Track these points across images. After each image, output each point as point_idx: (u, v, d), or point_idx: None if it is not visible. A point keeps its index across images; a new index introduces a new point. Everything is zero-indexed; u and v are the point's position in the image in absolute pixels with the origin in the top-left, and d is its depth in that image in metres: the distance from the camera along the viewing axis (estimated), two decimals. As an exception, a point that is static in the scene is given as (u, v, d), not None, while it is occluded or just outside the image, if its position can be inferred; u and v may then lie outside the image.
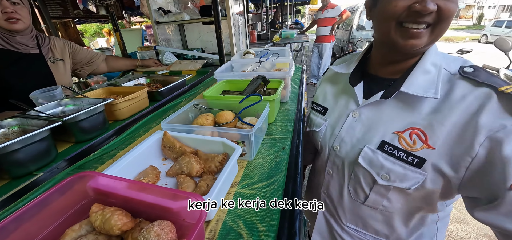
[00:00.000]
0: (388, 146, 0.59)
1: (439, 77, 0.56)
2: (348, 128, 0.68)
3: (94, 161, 0.78)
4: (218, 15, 1.83)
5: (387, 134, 0.60)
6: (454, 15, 0.49)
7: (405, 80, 0.58)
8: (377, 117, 0.63)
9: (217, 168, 0.63)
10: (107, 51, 3.81)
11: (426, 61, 0.58)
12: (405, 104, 0.59)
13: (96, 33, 16.06)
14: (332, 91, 0.80)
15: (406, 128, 0.57)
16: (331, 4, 4.49)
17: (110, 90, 1.37)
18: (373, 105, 0.65)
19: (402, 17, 0.51)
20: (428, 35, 0.52)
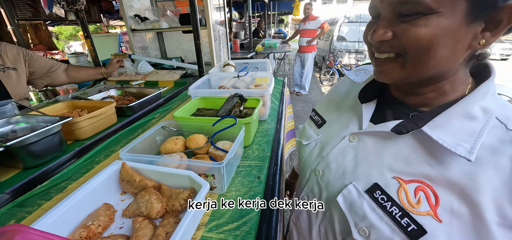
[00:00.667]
0: (381, 194, 0.45)
1: (484, 128, 0.40)
2: (339, 153, 0.54)
3: (39, 195, 0.67)
4: (197, 25, 1.76)
5: (384, 176, 0.46)
6: (429, 40, 0.37)
7: (434, 118, 0.42)
8: (378, 152, 0.49)
9: (182, 206, 0.55)
10: (82, 55, 3.59)
11: (474, 101, 0.41)
12: (424, 149, 0.44)
13: (72, 35, 15.29)
14: (338, 102, 0.65)
15: (415, 178, 0.43)
16: (312, 16, 4.58)
17: (74, 104, 1.25)
18: (379, 136, 0.50)
19: (369, 50, 0.47)
20: (397, 68, 0.42)
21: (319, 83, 6.53)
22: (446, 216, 0.39)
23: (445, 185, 0.40)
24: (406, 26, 0.38)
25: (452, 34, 0.36)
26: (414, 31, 0.37)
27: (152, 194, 0.56)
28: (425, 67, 0.40)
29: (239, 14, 9.77)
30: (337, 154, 0.55)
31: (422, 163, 0.43)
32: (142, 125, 1.12)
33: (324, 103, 0.70)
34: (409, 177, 0.43)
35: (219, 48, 2.19)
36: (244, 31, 6.05)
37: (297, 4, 6.03)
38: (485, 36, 0.37)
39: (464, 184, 0.38)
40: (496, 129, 0.40)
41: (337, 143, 0.56)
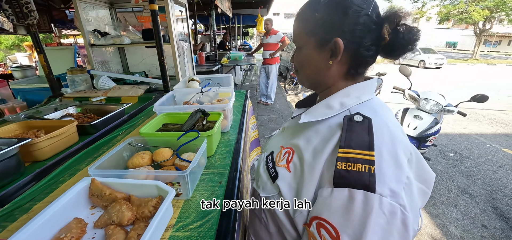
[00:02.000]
0: (270, 157, 0.64)
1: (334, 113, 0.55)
2: (273, 139, 0.74)
3: (3, 218, 0.68)
4: (160, 41, 1.81)
5: (278, 146, 0.65)
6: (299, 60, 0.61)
7: (311, 108, 0.61)
8: (285, 133, 0.69)
9: (151, 212, 0.63)
10: (29, 69, 3.28)
11: (334, 98, 0.56)
12: (303, 127, 0.61)
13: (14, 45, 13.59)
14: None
15: (288, 146, 0.61)
16: (273, 31, 4.90)
17: (28, 124, 1.21)
18: (292, 124, 0.69)
19: None
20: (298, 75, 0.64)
21: (284, 93, 6.88)
22: (292, 168, 0.56)
23: (296, 147, 0.58)
24: (295, 53, 0.62)
25: (309, 58, 0.58)
26: (296, 56, 0.62)
27: (123, 204, 0.62)
28: (304, 77, 0.62)
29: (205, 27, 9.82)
30: (272, 140, 0.74)
31: (295, 135, 0.62)
32: (107, 142, 1.14)
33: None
34: (286, 145, 0.62)
35: (183, 63, 2.26)
36: (210, 43, 6.13)
37: (260, 20, 6.36)
38: (332, 59, 0.54)
39: (301, 145, 0.56)
40: (344, 115, 0.53)
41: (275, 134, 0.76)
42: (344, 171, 0.44)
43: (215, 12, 4.31)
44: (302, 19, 0.58)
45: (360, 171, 0.43)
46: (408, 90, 2.73)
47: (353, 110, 0.54)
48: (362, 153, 0.44)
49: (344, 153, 0.46)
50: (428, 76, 11.05)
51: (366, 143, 0.46)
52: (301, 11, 0.58)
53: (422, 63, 14.57)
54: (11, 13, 1.44)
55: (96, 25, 2.23)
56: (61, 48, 3.08)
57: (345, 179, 0.43)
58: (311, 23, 0.55)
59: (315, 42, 0.55)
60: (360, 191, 0.42)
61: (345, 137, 0.48)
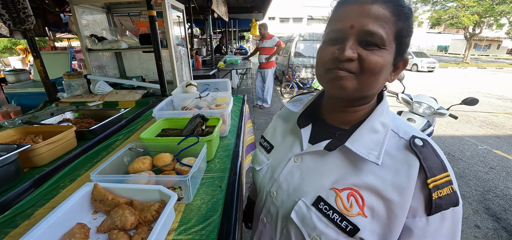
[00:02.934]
0: (324, 205, 0.54)
1: (385, 139, 0.53)
2: (287, 174, 0.62)
3: (5, 224, 0.68)
4: (158, 46, 1.83)
5: (324, 188, 0.55)
6: (380, 68, 0.49)
7: (351, 135, 0.55)
8: (318, 168, 0.58)
9: (153, 216, 0.64)
10: (23, 73, 3.25)
11: (375, 119, 0.55)
12: (349, 160, 0.55)
13: (6, 48, 13.38)
14: (282, 129, 0.74)
15: (346, 186, 0.53)
16: (268, 35, 4.97)
17: (26, 130, 1.21)
18: (316, 154, 0.60)
19: (328, 64, 0.53)
20: (352, 81, 0.50)
21: (280, 96, 6.94)
22: (369, 212, 0.51)
23: (366, 188, 0.51)
24: (368, 53, 0.48)
25: (388, 67, 0.50)
26: (374, 59, 0.48)
27: (125, 209, 0.64)
28: (370, 87, 0.51)
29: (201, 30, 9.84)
30: (286, 174, 0.62)
31: (349, 172, 0.54)
32: (106, 147, 1.15)
33: (270, 130, 0.79)
34: (342, 186, 0.53)
35: (181, 67, 2.27)
36: (206, 47, 6.16)
37: (254, 25, 6.42)
38: (392, 75, 0.54)
39: (377, 185, 0.51)
40: (392, 138, 0.54)
41: (285, 164, 0.64)
42: (438, 199, 0.47)
43: (212, 16, 4.34)
44: (396, 15, 0.48)
45: (448, 194, 0.48)
46: (401, 94, 2.80)
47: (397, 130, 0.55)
48: (443, 176, 0.49)
49: (433, 182, 0.48)
50: (420, 79, 11.27)
51: (440, 165, 0.50)
52: (396, 5, 0.48)
53: (415, 66, 14.90)
54: (8, 18, 1.44)
55: (93, 29, 2.23)
56: (57, 53, 3.06)
57: (440, 206, 0.48)
58: (403, 29, 0.49)
59: (395, 51, 0.50)
60: (449, 209, 0.49)
61: (427, 166, 0.49)
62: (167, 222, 0.63)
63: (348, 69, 0.50)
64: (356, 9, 0.48)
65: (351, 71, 0.50)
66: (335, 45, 0.51)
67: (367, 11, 0.47)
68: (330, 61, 0.52)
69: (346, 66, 0.49)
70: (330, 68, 0.52)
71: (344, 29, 0.50)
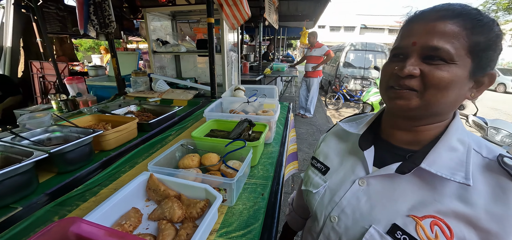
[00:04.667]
0: (402, 234, 0.48)
1: (468, 158, 0.48)
2: (352, 198, 0.57)
3: (76, 197, 0.79)
4: (213, 51, 1.94)
5: (400, 215, 0.49)
6: (446, 83, 0.45)
7: (427, 156, 0.50)
8: (389, 193, 0.53)
9: (198, 214, 0.66)
10: (101, 69, 3.82)
11: (451, 136, 0.51)
12: (426, 184, 0.50)
13: (91, 48, 16.06)
14: (338, 150, 0.69)
15: (427, 214, 0.47)
16: (318, 44, 4.83)
17: (100, 118, 1.40)
18: (385, 178, 0.55)
19: (390, 81, 0.52)
20: (415, 98, 0.48)
21: (324, 107, 6.66)
22: None
23: (454, 216, 0.45)
24: (432, 68, 0.46)
25: (460, 83, 0.46)
26: (439, 74, 0.45)
27: (174, 202, 0.67)
28: (437, 104, 0.48)
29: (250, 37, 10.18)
30: (350, 198, 0.57)
31: (429, 197, 0.48)
32: (160, 140, 1.25)
33: (322, 151, 0.73)
34: (422, 213, 0.47)
35: (231, 72, 2.37)
36: (254, 53, 6.33)
37: (305, 33, 6.33)
38: (473, 92, 0.49)
39: (468, 213, 0.45)
40: (474, 156, 0.49)
41: (347, 188, 0.59)
42: None
43: (262, 24, 4.44)
44: (469, 29, 0.45)
45: None
46: (472, 116, 2.39)
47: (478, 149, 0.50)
48: None
49: None
50: (499, 101, 9.41)
51: None
52: (470, 19, 0.45)
53: (501, 87, 11.98)
54: (96, 23, 1.71)
55: (159, 34, 2.50)
56: (128, 53, 3.53)
57: None
58: (481, 43, 0.46)
59: (472, 66, 0.46)
60: None
61: None
62: (211, 222, 0.64)
63: (410, 87, 0.48)
64: (420, 27, 0.48)
65: (413, 88, 0.48)
66: (397, 62, 0.50)
67: (431, 28, 0.46)
68: (391, 79, 0.51)
69: (406, 83, 0.48)
70: (391, 86, 0.51)
71: (407, 46, 0.49)
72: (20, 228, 0.66)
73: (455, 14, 0.46)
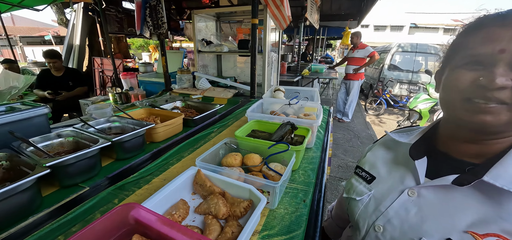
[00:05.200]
0: None
1: None
2: (400, 208, 0.54)
3: (132, 183, 0.87)
4: (255, 51, 1.96)
5: (456, 231, 0.45)
6: None
7: (491, 168, 0.45)
8: (443, 206, 0.49)
9: (241, 213, 0.67)
10: (149, 66, 4.17)
11: None
12: (489, 200, 0.46)
13: (141, 46, 17.69)
14: (385, 160, 0.66)
15: (489, 232, 0.43)
16: (361, 45, 4.53)
17: (150, 111, 1.52)
18: (440, 189, 0.51)
19: (468, 92, 0.46)
20: (505, 112, 0.43)
21: (363, 112, 6.26)
22: None
23: None
24: None
25: None
26: None
27: (219, 198, 0.69)
28: None
29: (288, 37, 10.08)
30: (397, 208, 0.55)
31: (492, 214, 0.44)
32: (203, 136, 1.31)
33: (369, 160, 0.71)
34: (484, 231, 0.43)
35: (270, 72, 2.37)
36: (292, 54, 6.25)
37: (347, 33, 6.02)
38: None
39: None
40: None
41: (395, 197, 0.56)
42: None
43: (303, 24, 4.35)
44: None
45: None
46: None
47: None
48: None
49: None
50: None
51: None
52: None
53: None
54: (151, 24, 1.87)
55: (204, 34, 2.63)
56: (174, 52, 3.79)
57: None
58: None
59: None
60: None
61: None
62: (255, 223, 0.65)
63: (500, 100, 0.43)
64: (506, 32, 0.42)
65: (504, 101, 0.43)
66: (476, 71, 0.45)
67: None
68: (471, 90, 0.46)
69: (496, 95, 0.43)
70: (471, 98, 0.46)
71: (491, 53, 0.43)
72: (87, 206, 0.75)
73: None
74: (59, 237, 0.63)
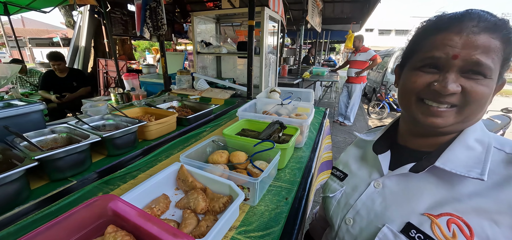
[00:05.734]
0: (416, 232, 0.47)
1: (487, 155, 0.48)
2: (367, 199, 0.58)
3: (118, 178, 0.88)
4: (251, 53, 1.98)
5: (414, 214, 0.49)
6: (486, 98, 0.45)
7: (442, 155, 0.50)
8: (404, 193, 0.53)
9: (220, 209, 0.68)
10: (152, 67, 4.23)
11: (468, 137, 0.51)
12: (443, 183, 0.50)
13: (146, 48, 17.95)
14: (356, 157, 0.72)
15: (443, 212, 0.47)
16: (363, 48, 4.52)
17: (146, 110, 1.54)
18: (400, 178, 0.56)
19: (422, 94, 0.50)
20: (454, 115, 0.48)
21: (366, 115, 6.21)
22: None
23: (475, 213, 0.44)
24: (472, 84, 0.45)
25: (491, 94, 0.47)
26: (480, 89, 0.45)
27: (199, 193, 0.70)
28: (475, 118, 0.49)
29: (292, 40, 10.11)
30: (364, 200, 0.59)
31: (446, 196, 0.48)
32: (195, 135, 1.33)
33: (342, 161, 0.77)
34: (438, 212, 0.47)
35: (268, 74, 2.38)
36: (294, 57, 6.25)
37: (351, 36, 6.00)
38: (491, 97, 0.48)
39: (491, 208, 0.43)
40: (496, 154, 0.49)
41: (363, 190, 0.61)
42: None
43: (305, 27, 4.36)
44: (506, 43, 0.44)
45: None
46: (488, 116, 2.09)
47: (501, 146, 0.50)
48: None
49: None
50: None
51: None
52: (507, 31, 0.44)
53: None
54: (150, 25, 1.91)
55: (203, 36, 2.66)
56: (176, 53, 3.85)
57: None
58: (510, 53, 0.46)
59: (498, 76, 0.47)
60: None
61: None
62: (231, 218, 0.65)
63: (450, 103, 0.47)
64: (460, 39, 0.45)
65: (453, 104, 0.47)
66: (431, 74, 0.49)
67: (474, 41, 0.43)
68: (425, 92, 0.50)
69: (447, 100, 0.47)
70: (425, 99, 0.50)
71: (445, 58, 0.46)
72: (72, 199, 0.76)
73: (496, 27, 0.43)
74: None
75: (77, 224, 0.55)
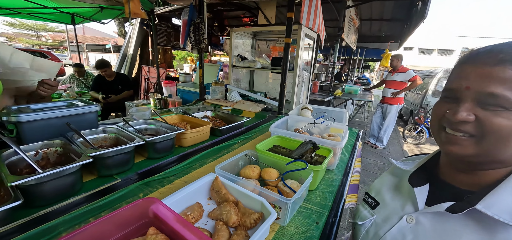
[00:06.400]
0: None
1: None
2: (397, 233, 0.56)
3: (157, 181, 0.95)
4: (286, 69, 2.01)
5: None
6: (507, 130, 0.42)
7: (485, 197, 0.46)
8: (438, 233, 0.50)
9: (251, 224, 0.69)
10: (188, 76, 4.50)
11: None
12: (484, 230, 0.46)
13: (184, 58, 19.17)
14: (390, 186, 0.69)
15: None
16: (402, 68, 4.25)
17: (183, 118, 1.64)
18: (435, 216, 0.52)
19: (442, 121, 0.51)
20: (472, 146, 0.46)
21: (401, 139, 5.78)
22: None
23: None
24: (489, 114, 0.44)
25: None
26: (497, 121, 0.43)
27: (232, 207, 0.72)
28: (499, 154, 0.45)
29: (324, 56, 9.98)
30: (395, 234, 0.56)
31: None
32: (227, 146, 1.37)
33: (375, 187, 0.74)
34: None
35: (300, 91, 2.38)
36: (326, 73, 6.15)
37: (387, 55, 5.73)
38: None
39: None
40: None
41: (394, 223, 0.58)
42: None
43: (339, 44, 4.30)
44: None
45: None
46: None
47: None
48: None
49: None
50: None
51: None
52: None
53: None
54: (193, 39, 2.06)
55: (240, 50, 2.78)
56: (211, 65, 4.04)
57: None
58: None
59: None
60: None
61: None
62: (262, 236, 0.65)
63: (465, 131, 0.46)
64: (474, 71, 0.45)
65: (470, 133, 0.46)
66: (448, 103, 0.50)
67: (488, 74, 0.43)
68: (443, 120, 0.50)
69: (461, 127, 0.47)
70: (443, 127, 0.51)
71: (459, 89, 0.47)
72: (117, 196, 0.84)
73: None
74: (90, 218, 0.72)
75: (124, 222, 0.60)
